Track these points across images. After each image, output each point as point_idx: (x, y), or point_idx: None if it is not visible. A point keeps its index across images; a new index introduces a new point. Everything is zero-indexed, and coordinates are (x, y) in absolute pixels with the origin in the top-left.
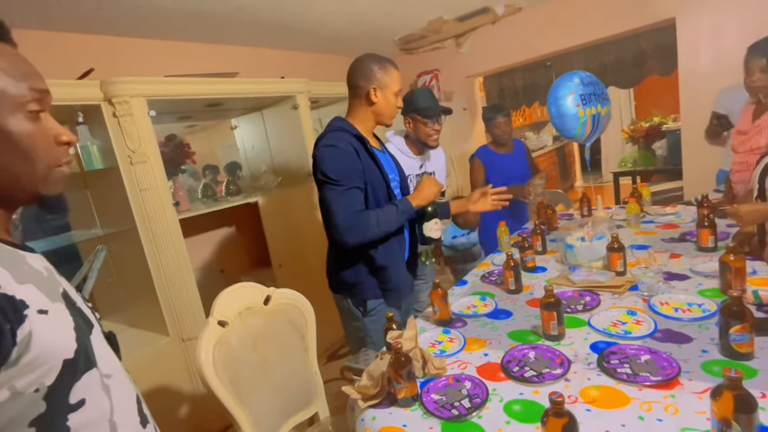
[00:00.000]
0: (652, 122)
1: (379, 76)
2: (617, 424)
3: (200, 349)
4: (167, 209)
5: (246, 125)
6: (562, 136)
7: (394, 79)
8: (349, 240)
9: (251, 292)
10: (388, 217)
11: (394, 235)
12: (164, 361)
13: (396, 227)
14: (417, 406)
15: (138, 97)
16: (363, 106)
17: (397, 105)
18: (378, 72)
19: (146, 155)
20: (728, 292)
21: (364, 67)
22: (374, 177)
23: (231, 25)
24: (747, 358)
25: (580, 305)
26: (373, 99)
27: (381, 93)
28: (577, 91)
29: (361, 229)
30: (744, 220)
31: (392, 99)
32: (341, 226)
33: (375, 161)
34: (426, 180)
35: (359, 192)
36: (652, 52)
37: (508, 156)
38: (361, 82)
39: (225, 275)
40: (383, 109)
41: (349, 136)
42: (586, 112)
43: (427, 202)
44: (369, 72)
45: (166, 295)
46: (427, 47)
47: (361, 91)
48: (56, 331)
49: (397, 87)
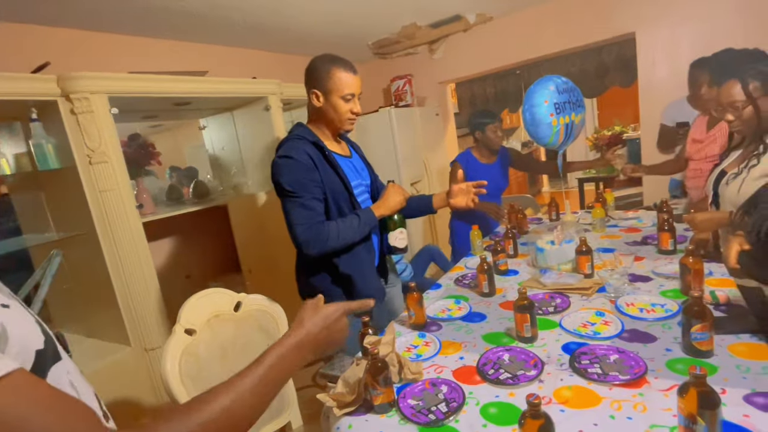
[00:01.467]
0: (614, 131)
1: (320, 79)
2: (590, 423)
3: (165, 360)
4: (129, 212)
5: (215, 126)
6: (531, 143)
7: (340, 82)
8: (309, 252)
9: (220, 298)
10: (349, 229)
11: (361, 242)
12: (125, 373)
13: (359, 238)
14: (394, 412)
15: (99, 93)
16: (314, 111)
17: (351, 110)
18: (320, 74)
19: (107, 155)
20: (689, 293)
21: (309, 69)
22: (335, 186)
23: (202, 23)
24: (707, 355)
25: (551, 307)
26: (315, 103)
27: (323, 97)
28: (551, 99)
29: (321, 240)
30: (699, 228)
31: (339, 103)
32: (300, 238)
33: (335, 169)
34: (391, 188)
35: (318, 203)
36: (613, 64)
37: (491, 166)
38: (306, 85)
39: (191, 281)
40: (330, 114)
41: (305, 144)
42: (560, 120)
43: (391, 211)
44: (312, 74)
45: (128, 303)
46: (400, 52)
47: (308, 94)
48: (23, 323)
49: (345, 91)
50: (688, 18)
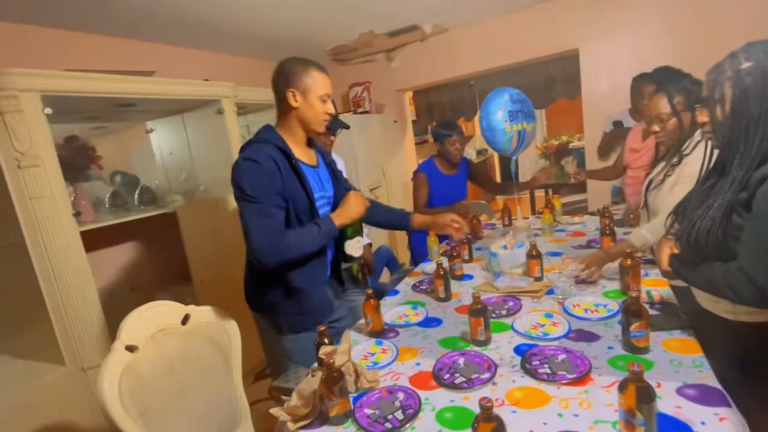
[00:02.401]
0: (561, 140)
1: (298, 79)
2: (540, 423)
3: (103, 379)
4: (65, 220)
5: (164, 129)
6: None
7: (317, 82)
8: (266, 261)
9: (166, 311)
10: (309, 238)
11: (316, 256)
12: (60, 395)
13: (318, 247)
14: (350, 422)
15: (30, 91)
16: (287, 113)
17: (326, 111)
18: (298, 74)
19: (39, 158)
20: (627, 293)
21: (284, 70)
22: (296, 194)
23: (148, 19)
24: (644, 351)
25: (504, 310)
26: (292, 103)
27: (301, 97)
28: (506, 108)
29: (280, 250)
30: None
31: (316, 103)
32: (258, 247)
33: (300, 178)
34: (352, 197)
35: (279, 210)
36: (560, 78)
37: (453, 178)
38: (281, 85)
39: (137, 294)
40: (306, 115)
41: (272, 149)
42: (513, 127)
43: (351, 221)
44: (288, 74)
45: (63, 319)
46: (358, 59)
47: (282, 95)
48: None
49: (322, 91)
50: (624, 38)
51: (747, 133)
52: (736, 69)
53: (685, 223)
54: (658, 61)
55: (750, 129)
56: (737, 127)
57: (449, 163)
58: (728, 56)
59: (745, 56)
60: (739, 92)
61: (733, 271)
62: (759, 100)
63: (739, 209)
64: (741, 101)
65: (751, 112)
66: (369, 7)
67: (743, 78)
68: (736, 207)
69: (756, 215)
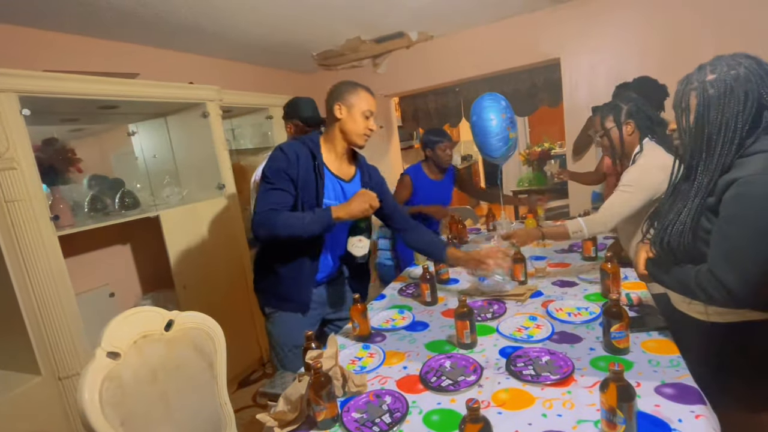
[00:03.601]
0: (543, 147)
1: (346, 95)
2: (525, 423)
3: (83, 388)
4: (43, 224)
5: (146, 132)
6: (470, 157)
7: (362, 99)
8: (256, 234)
9: (149, 317)
10: (298, 221)
11: (307, 253)
12: (34, 406)
13: (306, 233)
14: (337, 427)
15: (7, 92)
16: (332, 125)
17: (368, 126)
18: (346, 91)
19: (15, 160)
20: (608, 296)
21: (335, 88)
22: (307, 192)
23: (131, 21)
24: (625, 352)
25: (489, 313)
26: (338, 115)
27: (346, 110)
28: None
29: (268, 226)
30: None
31: (358, 118)
32: (254, 220)
33: (316, 180)
34: (358, 194)
35: (284, 194)
36: (542, 86)
37: (439, 183)
38: (330, 101)
39: (117, 300)
40: (348, 126)
41: (301, 147)
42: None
43: (350, 216)
44: (337, 91)
45: (38, 326)
46: (345, 65)
47: (330, 108)
48: None
49: (365, 107)
50: (604, 48)
51: (709, 142)
52: (701, 80)
53: (658, 227)
54: (636, 71)
55: (711, 138)
56: (701, 135)
57: (438, 168)
58: (697, 68)
59: (710, 69)
60: (703, 102)
61: (703, 273)
62: (720, 110)
63: (707, 214)
64: (704, 111)
65: (713, 122)
66: (355, 13)
67: (707, 89)
68: (704, 211)
69: (723, 219)
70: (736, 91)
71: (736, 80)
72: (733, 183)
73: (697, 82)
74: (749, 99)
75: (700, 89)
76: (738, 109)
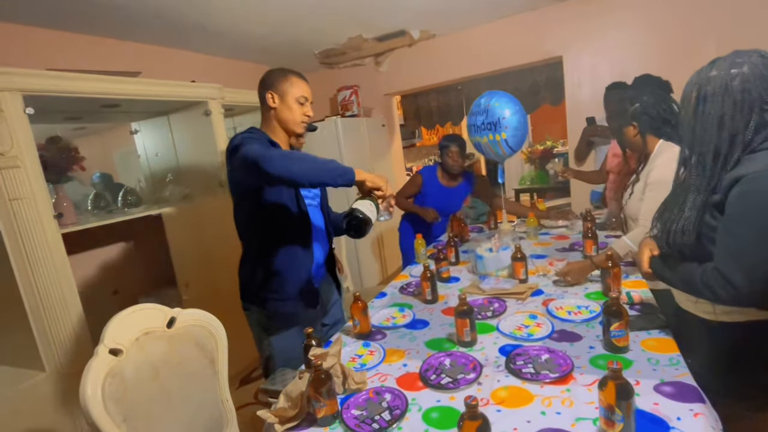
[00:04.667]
0: (545, 145)
1: (276, 83)
2: (524, 421)
3: (86, 384)
4: (46, 222)
5: (149, 130)
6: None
7: (294, 86)
8: (267, 166)
9: (151, 314)
10: (318, 159)
11: (300, 244)
12: (38, 402)
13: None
14: (337, 423)
15: (11, 90)
16: (267, 114)
17: (305, 113)
18: (276, 79)
19: (19, 159)
20: (608, 294)
21: (265, 77)
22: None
23: (133, 19)
24: (624, 351)
25: (489, 312)
26: (270, 104)
27: (279, 98)
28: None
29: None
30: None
31: (293, 105)
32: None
33: None
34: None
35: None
36: (544, 84)
37: (452, 190)
38: (261, 90)
39: (119, 297)
40: (284, 115)
41: (263, 135)
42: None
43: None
44: (268, 79)
45: (42, 323)
46: (347, 63)
47: (261, 97)
48: None
49: (297, 93)
50: (606, 47)
51: (708, 138)
52: (704, 77)
53: (663, 225)
54: (638, 69)
55: (711, 135)
56: (700, 132)
57: (449, 174)
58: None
59: (717, 65)
60: (702, 100)
61: (709, 271)
62: (716, 108)
63: (712, 211)
64: (701, 108)
65: (710, 119)
66: (357, 11)
67: (705, 86)
68: (709, 209)
69: (728, 217)
70: (731, 90)
71: (734, 79)
72: (739, 180)
73: (699, 78)
74: (746, 98)
75: (701, 86)
76: (735, 108)
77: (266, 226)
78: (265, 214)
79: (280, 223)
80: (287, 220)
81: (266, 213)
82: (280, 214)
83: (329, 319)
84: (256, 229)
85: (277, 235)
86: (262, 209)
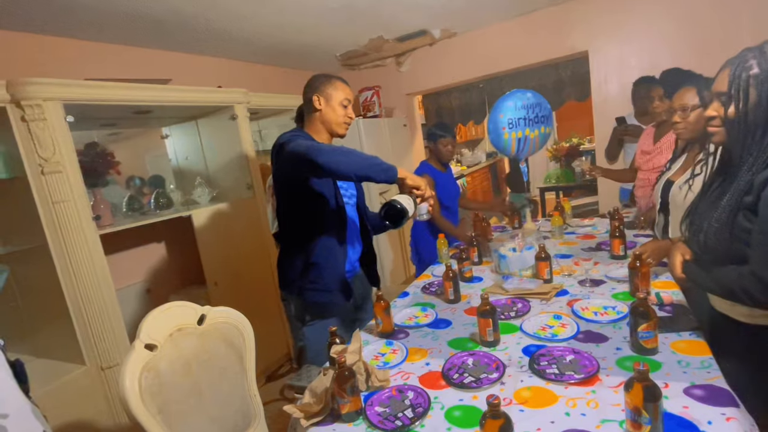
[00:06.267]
0: (571, 143)
1: (322, 87)
2: (547, 421)
3: (124, 377)
4: (85, 223)
5: (179, 135)
6: (495, 154)
7: (338, 90)
8: (316, 157)
9: (183, 311)
10: (362, 154)
11: (337, 237)
12: (79, 394)
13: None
14: (361, 420)
15: (53, 100)
16: (312, 116)
17: (347, 115)
18: (322, 83)
19: (61, 164)
20: (636, 295)
21: (311, 81)
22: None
23: (163, 28)
24: (653, 352)
25: (512, 312)
26: (317, 106)
27: (324, 101)
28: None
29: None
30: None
31: (337, 108)
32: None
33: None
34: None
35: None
36: (569, 80)
37: (446, 175)
38: (308, 94)
39: (152, 295)
40: (328, 116)
41: (307, 136)
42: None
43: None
44: (314, 83)
45: (83, 320)
46: (368, 64)
47: (308, 100)
48: None
49: (342, 96)
50: (633, 40)
51: (760, 136)
52: (765, 68)
53: (695, 226)
54: (667, 62)
55: (758, 132)
56: (751, 128)
57: (439, 163)
58: (754, 51)
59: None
60: (760, 93)
61: (746, 275)
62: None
63: (746, 212)
64: (759, 102)
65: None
66: (378, 12)
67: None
68: (742, 210)
69: (763, 219)
70: None
71: None
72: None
73: (758, 69)
74: None
75: (762, 78)
76: None
77: (307, 218)
78: (307, 207)
79: (320, 217)
80: (326, 214)
81: (308, 206)
82: (320, 207)
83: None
84: (297, 222)
85: (316, 227)
86: (304, 202)
